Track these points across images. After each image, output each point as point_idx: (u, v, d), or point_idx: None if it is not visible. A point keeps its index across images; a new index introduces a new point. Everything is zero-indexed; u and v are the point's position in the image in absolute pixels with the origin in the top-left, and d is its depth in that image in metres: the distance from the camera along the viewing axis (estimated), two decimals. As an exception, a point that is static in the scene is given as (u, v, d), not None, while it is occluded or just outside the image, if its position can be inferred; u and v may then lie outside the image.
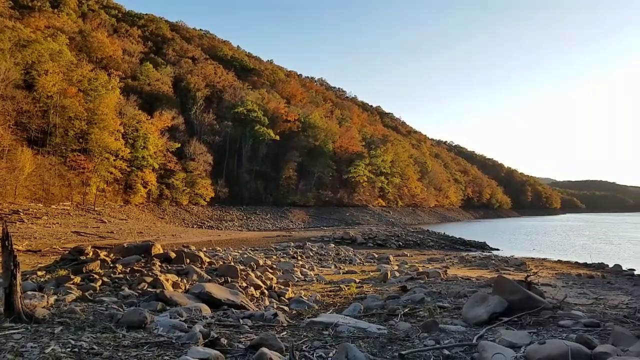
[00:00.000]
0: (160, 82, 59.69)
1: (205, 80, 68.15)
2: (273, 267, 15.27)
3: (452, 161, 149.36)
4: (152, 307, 6.45)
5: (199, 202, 53.60)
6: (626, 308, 7.73)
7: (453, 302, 7.64)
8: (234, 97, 67.21)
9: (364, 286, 11.82)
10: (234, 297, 7.63)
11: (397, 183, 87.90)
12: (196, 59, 77.02)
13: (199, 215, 51.34)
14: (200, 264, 11.51)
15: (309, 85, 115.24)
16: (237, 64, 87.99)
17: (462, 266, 19.46)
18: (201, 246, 22.70)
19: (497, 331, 4.88)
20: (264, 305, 8.62)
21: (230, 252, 20.77)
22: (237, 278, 10.29)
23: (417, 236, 37.32)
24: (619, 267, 20.20)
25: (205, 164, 55.56)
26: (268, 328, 5.48)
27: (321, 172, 70.59)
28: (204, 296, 7.33)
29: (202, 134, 59.68)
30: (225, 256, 18.05)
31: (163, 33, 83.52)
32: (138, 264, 10.49)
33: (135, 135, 47.13)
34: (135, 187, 46.81)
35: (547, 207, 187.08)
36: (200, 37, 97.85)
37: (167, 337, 4.59)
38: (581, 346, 3.80)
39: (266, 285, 10.61)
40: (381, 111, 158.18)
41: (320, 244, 28.38)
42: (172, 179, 50.97)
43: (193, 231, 38.89)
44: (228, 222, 50.69)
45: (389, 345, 4.40)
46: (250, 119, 63.20)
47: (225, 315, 6.57)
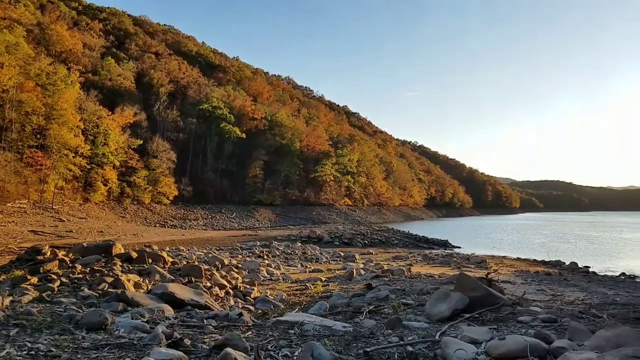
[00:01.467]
0: (122, 78, 57.97)
1: (169, 76, 66.71)
2: (238, 266, 15.13)
3: (417, 161, 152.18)
4: (113, 308, 6.28)
5: (161, 201, 52.42)
6: (582, 304, 8.06)
7: (416, 299, 7.78)
8: (198, 94, 66.08)
9: (330, 284, 11.88)
10: (197, 297, 7.51)
11: (363, 182, 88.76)
12: (160, 54, 75.28)
13: (161, 214, 50.22)
14: (163, 264, 11.29)
15: (275, 84, 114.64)
16: (202, 60, 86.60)
17: (426, 264, 19.86)
18: (164, 246, 22.25)
19: (459, 327, 5.00)
20: (229, 305, 8.53)
21: (194, 251, 20.45)
22: (201, 278, 10.15)
23: (382, 235, 37.77)
24: (575, 265, 21.09)
25: (169, 161, 54.39)
26: (233, 328, 5.42)
27: (288, 170, 70.41)
28: (166, 296, 7.18)
29: (166, 130, 58.38)
30: (189, 256, 17.76)
31: (125, 27, 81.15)
32: (98, 264, 10.22)
33: (95, 132, 45.61)
34: (96, 184, 45.33)
35: (506, 206, 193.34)
36: (164, 32, 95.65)
37: (129, 338, 4.47)
38: (539, 341, 3.93)
39: (231, 285, 10.50)
40: (348, 111, 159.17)
41: (287, 243, 28.30)
42: (134, 177, 49.64)
43: (155, 230, 38.01)
44: (192, 221, 49.82)
45: (354, 343, 4.44)
46: (216, 116, 62.31)
47: (189, 315, 6.46)
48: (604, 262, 24.55)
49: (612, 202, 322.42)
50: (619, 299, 9.28)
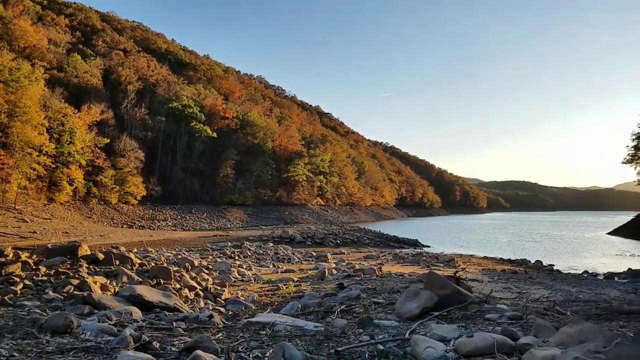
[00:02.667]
0: (89, 75, 56.29)
1: (138, 74, 65.23)
2: (209, 267, 14.93)
3: (388, 161, 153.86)
4: (78, 310, 6.13)
5: (129, 201, 51.21)
6: (546, 301, 8.28)
7: (387, 297, 7.84)
8: (168, 92, 64.87)
9: (302, 284, 11.86)
10: (166, 300, 7.37)
11: (335, 182, 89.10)
12: (128, 51, 73.52)
13: (129, 214, 49.06)
14: (130, 266, 11.07)
15: (247, 82, 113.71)
16: (171, 58, 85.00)
17: (396, 263, 20.08)
18: (132, 247, 21.81)
19: (428, 325, 5.07)
20: (199, 307, 8.41)
21: (163, 252, 20.08)
22: (170, 280, 9.99)
23: (354, 234, 38.02)
24: (540, 263, 21.75)
25: (137, 160, 53.19)
26: (203, 330, 5.35)
27: (260, 170, 69.98)
28: (134, 299, 7.03)
29: (134, 129, 57.07)
30: (157, 257, 17.42)
31: (92, 23, 78.85)
32: (63, 265, 9.96)
33: (60, 130, 44.14)
34: (61, 184, 43.88)
35: (474, 206, 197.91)
36: (132, 28, 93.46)
37: (95, 341, 4.35)
38: (506, 338, 4.02)
39: (201, 287, 10.35)
40: (320, 111, 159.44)
41: (259, 244, 28.13)
42: (101, 176, 48.31)
43: (123, 231, 37.13)
44: (161, 221, 48.87)
45: (326, 342, 4.44)
46: (186, 115, 61.30)
47: (158, 318, 6.34)
48: (567, 260, 25.39)
49: (575, 202, 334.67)
50: (582, 296, 9.57)
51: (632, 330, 4.83)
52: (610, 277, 16.40)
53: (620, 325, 5.35)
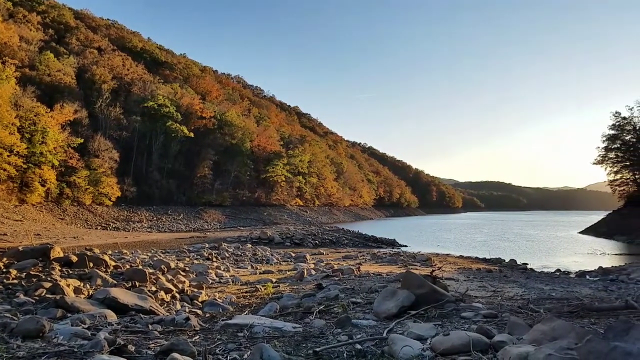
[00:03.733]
0: (62, 73, 54.84)
1: (112, 72, 63.91)
2: (186, 269, 14.74)
3: (366, 162, 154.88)
4: (51, 314, 6.00)
5: (103, 202, 50.14)
6: (520, 299, 8.45)
7: (365, 297, 7.88)
8: (143, 91, 63.77)
9: (280, 285, 11.83)
10: (142, 302, 7.26)
11: (314, 183, 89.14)
12: (102, 49, 71.95)
13: (103, 215, 48.06)
14: (105, 268, 10.86)
15: (225, 82, 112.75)
16: (147, 57, 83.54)
17: (374, 262, 20.20)
18: (106, 249, 21.39)
19: (405, 324, 5.11)
20: (176, 309, 8.32)
21: (138, 254, 19.74)
22: (145, 282, 9.84)
23: (333, 235, 38.11)
24: (514, 262, 22.21)
25: (111, 161, 52.12)
26: (179, 333, 5.27)
27: (238, 171, 69.46)
28: (109, 302, 6.90)
29: (108, 129, 55.89)
30: (132, 259, 17.10)
31: (66, 21, 76.83)
32: (35, 268, 9.73)
33: (32, 130, 42.87)
34: (32, 185, 42.64)
35: (450, 206, 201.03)
36: (107, 26, 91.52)
37: (68, 346, 4.24)
38: (481, 336, 4.08)
39: (178, 289, 10.22)
40: (299, 111, 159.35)
41: (237, 245, 27.93)
42: (74, 177, 47.16)
43: (97, 233, 36.36)
44: (136, 223, 48.03)
45: (304, 343, 4.43)
46: (162, 114, 60.36)
47: (133, 321, 6.24)
48: (540, 259, 25.99)
49: (548, 202, 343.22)
50: (555, 294, 9.80)
51: (602, 327, 4.96)
52: (581, 275, 16.87)
53: (591, 322, 5.49)
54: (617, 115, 58.73)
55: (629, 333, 2.94)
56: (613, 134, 59.27)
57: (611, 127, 59.30)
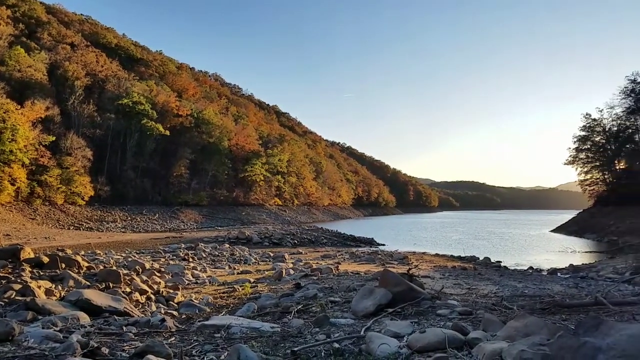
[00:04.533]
0: (33, 69, 53.22)
1: (86, 69, 62.36)
2: (161, 270, 14.52)
3: (345, 162, 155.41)
4: (21, 317, 5.85)
5: (76, 202, 48.93)
6: (494, 297, 8.62)
7: (343, 296, 7.91)
8: (118, 88, 62.46)
9: (258, 285, 11.77)
10: (116, 304, 7.13)
11: (293, 182, 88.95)
12: (76, 45, 70.14)
13: (76, 215, 46.94)
14: (77, 269, 10.64)
15: (202, 80, 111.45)
16: (122, 53, 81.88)
17: (353, 261, 20.30)
18: (79, 249, 20.92)
19: (382, 322, 5.15)
20: (151, 311, 8.19)
21: (112, 255, 19.35)
22: (120, 283, 9.69)
23: (311, 234, 38.15)
24: (488, 260, 22.62)
25: (84, 159, 50.92)
26: (155, 334, 5.19)
27: (216, 170, 68.72)
28: (82, 303, 6.76)
29: (81, 126, 54.57)
30: (106, 260, 16.77)
31: (37, 15, 74.61)
32: (4, 270, 9.49)
33: (1, 127, 41.48)
34: (2, 184, 41.24)
35: (426, 205, 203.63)
36: (80, 22, 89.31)
37: (39, 349, 4.13)
38: (456, 333, 4.15)
39: (153, 290, 10.07)
40: (278, 110, 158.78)
41: (214, 245, 27.67)
42: (45, 176, 45.87)
43: (69, 233, 35.51)
44: (110, 223, 47.07)
45: (282, 343, 4.42)
46: (137, 112, 59.24)
47: (107, 323, 6.13)
48: (513, 257, 26.53)
49: (521, 201, 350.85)
50: (527, 291, 10.02)
51: (573, 323, 5.09)
52: (553, 273, 17.29)
53: (562, 319, 5.64)
54: (588, 117, 60.54)
55: (599, 329, 3.03)
56: (583, 135, 61.04)
57: (582, 128, 61.10)
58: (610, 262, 20.13)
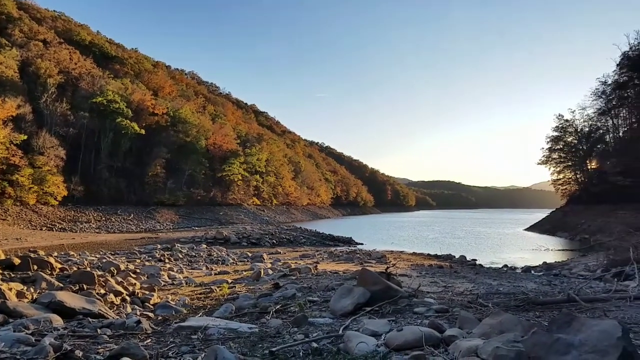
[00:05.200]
0: (4, 66, 51.50)
1: (59, 66, 60.80)
2: (136, 271, 14.28)
3: (323, 161, 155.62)
4: (-9, 320, 5.65)
5: (49, 202, 47.69)
6: (470, 294, 8.75)
7: (322, 295, 7.92)
8: (92, 86, 61.08)
9: (236, 286, 11.67)
10: (90, 306, 6.98)
11: (272, 182, 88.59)
12: (48, 42, 68.27)
13: (48, 216, 45.76)
14: (50, 271, 10.39)
15: (179, 78, 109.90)
16: (96, 50, 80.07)
17: (331, 261, 20.33)
18: (52, 251, 20.42)
19: (360, 321, 5.18)
20: (126, 312, 8.05)
21: (86, 256, 18.94)
22: (94, 285, 9.49)
23: (290, 234, 38.07)
24: (464, 258, 22.96)
25: (57, 158, 49.67)
26: (130, 336, 5.10)
27: (193, 169, 67.90)
28: (55, 305, 6.60)
29: (54, 125, 53.20)
30: (80, 261, 16.39)
31: (8, 11, 72.18)
32: (-29, 273, 9.12)
33: (-31, 125, 40.23)
34: (-31, 184, 40.00)
35: (404, 204, 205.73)
36: (53, 18, 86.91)
37: (11, 352, 4.02)
38: (433, 331, 4.20)
39: (128, 292, 9.90)
40: (256, 109, 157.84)
41: (191, 245, 27.34)
42: (17, 175, 44.53)
43: (42, 234, 34.60)
44: (84, 223, 46.04)
45: (260, 344, 4.40)
46: (111, 111, 58.07)
47: (81, 325, 5.99)
48: (489, 255, 27.02)
49: (496, 201, 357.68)
50: (502, 289, 10.21)
51: (546, 319, 5.21)
52: (527, 271, 17.69)
53: (536, 316, 5.77)
54: (560, 117, 62.14)
55: (571, 325, 3.11)
56: (556, 136, 62.62)
57: (555, 129, 62.69)
58: (582, 260, 20.65)
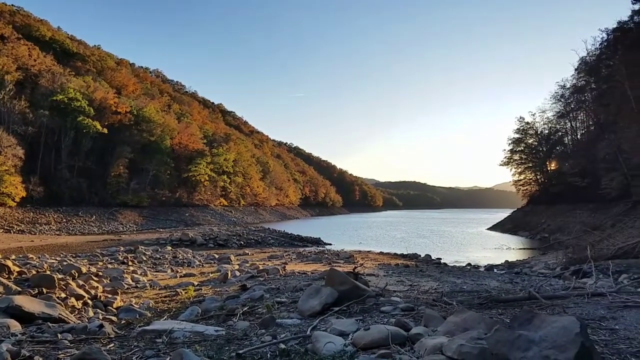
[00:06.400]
0: (-43, 61, 49.18)
1: (17, 63, 58.25)
2: (99, 274, 13.88)
3: (292, 162, 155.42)
4: (-57, 328, 5.38)
5: (6, 203, 45.63)
6: (435, 292, 8.92)
7: (290, 296, 7.92)
8: (52, 84, 58.89)
9: (202, 288, 11.50)
10: (50, 310, 6.74)
11: (239, 182, 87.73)
12: (6, 37, 65.26)
13: (6, 217, 43.81)
14: (7, 274, 10.00)
15: (143, 76, 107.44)
16: (57, 47, 77.25)
17: (300, 261, 20.34)
18: (9, 254, 19.58)
19: (328, 321, 5.21)
20: (88, 316, 7.82)
21: (46, 259, 18.28)
22: (54, 288, 9.18)
23: (258, 235, 37.82)
24: (429, 257, 23.41)
25: (15, 158, 47.60)
26: (92, 341, 4.96)
27: (157, 169, 66.41)
28: (12, 310, 6.34)
29: (12, 123, 50.95)
30: (39, 264, 15.82)
31: (-39, 4, 69.03)
32: None
33: None
34: None
35: (371, 205, 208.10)
36: (11, 13, 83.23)
37: (-38, 361, 3.85)
38: (399, 329, 4.27)
39: (90, 295, 9.62)
40: (223, 109, 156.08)
41: (156, 247, 26.75)
42: (-30, 176, 42.51)
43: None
44: (44, 225, 44.34)
45: (227, 346, 4.36)
46: (72, 109, 56.13)
47: (40, 330, 5.78)
48: (453, 254, 27.63)
49: (460, 201, 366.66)
50: (466, 287, 10.45)
51: (509, 316, 5.37)
52: (490, 269, 18.16)
53: (499, 313, 5.94)
54: (522, 120, 64.24)
55: (532, 322, 3.22)
56: (518, 138, 64.66)
57: (516, 131, 64.74)
58: (542, 258, 21.34)
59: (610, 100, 37.48)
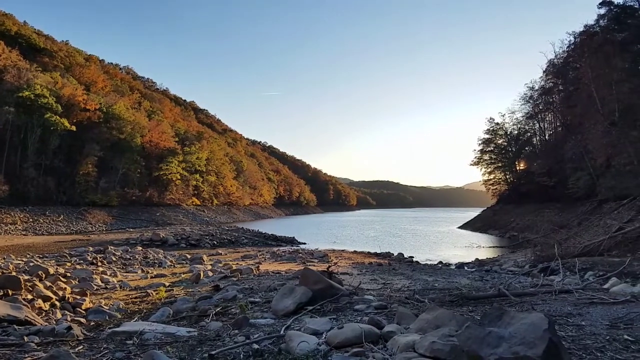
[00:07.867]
0: None
1: (-21, 56, 56.13)
2: (67, 275, 13.51)
3: (266, 161, 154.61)
4: None
5: (-34, 203, 43.91)
6: (407, 290, 9.04)
7: (264, 296, 7.90)
8: (18, 79, 56.81)
9: (174, 289, 11.34)
10: (16, 312, 6.53)
11: (212, 181, 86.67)
12: (-33, 30, 62.88)
13: (-34, 218, 42.11)
14: (-32, 277, 9.55)
15: (113, 73, 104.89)
16: (23, 42, 74.59)
17: (274, 261, 20.26)
18: (-31, 256, 18.81)
19: (302, 320, 5.22)
20: (56, 318, 7.61)
21: (11, 260, 17.68)
22: (20, 290, 8.90)
23: (232, 234, 37.48)
24: (402, 255, 23.69)
25: (-23, 156, 45.84)
26: (60, 344, 4.83)
27: (127, 168, 64.96)
28: (-27, 315, 6.11)
29: (-27, 120, 49.03)
30: (5, 265, 15.30)
31: None
32: None
33: None
34: None
35: (345, 204, 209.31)
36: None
37: None
38: (372, 327, 4.32)
39: (58, 297, 9.35)
40: (195, 107, 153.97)
41: (126, 247, 26.18)
42: None
43: (-43, 238, 31.78)
44: (9, 225, 42.77)
45: (199, 347, 4.32)
46: (39, 106, 54.35)
47: (5, 333, 5.61)
48: (424, 252, 28.04)
49: (432, 200, 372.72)
50: (438, 285, 10.63)
51: (479, 314, 5.50)
52: (460, 267, 18.52)
53: (469, 310, 6.08)
54: (492, 121, 65.74)
55: (502, 319, 3.32)
56: (487, 138, 66.12)
57: (486, 131, 66.20)
58: (512, 256, 21.89)
59: (577, 102, 38.53)
